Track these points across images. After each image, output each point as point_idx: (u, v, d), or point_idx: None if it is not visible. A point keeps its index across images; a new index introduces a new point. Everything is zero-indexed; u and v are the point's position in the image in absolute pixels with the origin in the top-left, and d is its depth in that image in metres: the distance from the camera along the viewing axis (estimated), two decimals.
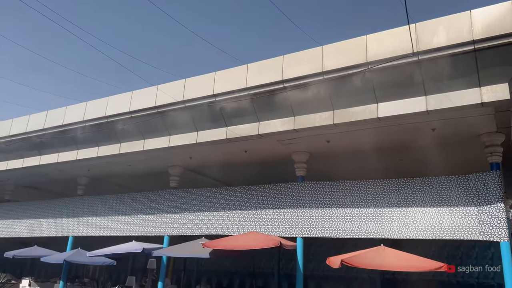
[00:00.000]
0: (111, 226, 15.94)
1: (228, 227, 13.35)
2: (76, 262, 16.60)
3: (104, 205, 16.49)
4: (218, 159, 14.26)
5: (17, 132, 16.10)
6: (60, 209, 17.77)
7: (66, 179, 17.94)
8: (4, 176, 18.43)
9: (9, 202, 20.46)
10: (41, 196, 20.09)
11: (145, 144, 13.77)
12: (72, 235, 16.99)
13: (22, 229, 18.61)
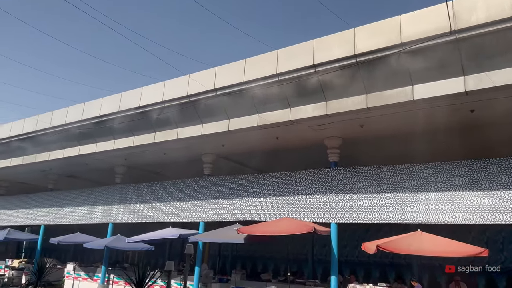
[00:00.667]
0: (148, 213, 16.44)
1: (262, 213, 13.47)
2: (116, 247, 17.30)
3: (141, 192, 17.00)
4: (250, 146, 14.33)
5: (57, 123, 16.76)
6: (99, 197, 18.48)
7: (104, 168, 18.58)
8: (46, 166, 19.30)
9: (52, 191, 21.43)
10: (81, 185, 20.92)
11: (178, 133, 14.02)
12: (111, 221, 17.66)
13: (65, 217, 19.52)
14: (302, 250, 17.88)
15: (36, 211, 20.88)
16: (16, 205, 22.08)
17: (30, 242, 26.67)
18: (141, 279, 7.01)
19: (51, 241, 19.04)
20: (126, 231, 17.23)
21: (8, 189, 24.33)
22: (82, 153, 16.83)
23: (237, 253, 18.09)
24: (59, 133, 16.98)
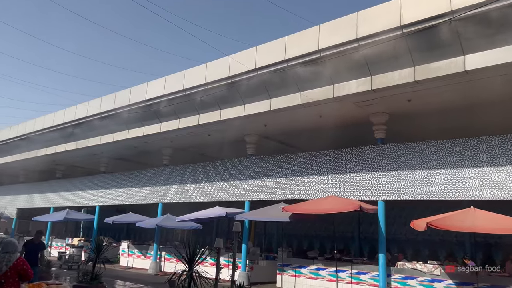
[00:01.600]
0: (195, 193, 16.92)
1: (306, 192, 13.46)
2: (166, 226, 18.04)
3: (188, 173, 17.49)
4: (293, 125, 14.25)
5: (106, 109, 17.45)
6: (149, 178, 19.22)
7: (153, 151, 19.23)
8: (98, 150, 20.26)
9: (104, 173, 22.53)
10: (131, 167, 21.82)
11: (222, 114, 14.18)
12: (161, 202, 18.35)
13: (118, 198, 20.52)
14: (348, 228, 17.78)
15: (91, 192, 22.09)
16: (73, 188, 23.46)
17: (87, 222, 28.36)
18: (192, 256, 7.26)
19: (106, 221, 20.16)
20: (175, 210, 17.90)
21: (64, 173, 25.86)
22: (130, 137, 17.48)
23: (283, 231, 18.27)
24: (109, 118, 17.69)
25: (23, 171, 27.91)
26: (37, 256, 9.84)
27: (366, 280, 11.74)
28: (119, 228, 26.31)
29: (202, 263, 7.41)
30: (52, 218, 22.94)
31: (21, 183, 28.39)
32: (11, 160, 25.19)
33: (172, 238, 23.92)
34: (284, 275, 13.41)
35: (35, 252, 9.83)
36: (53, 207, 24.30)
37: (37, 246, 10.01)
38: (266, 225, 20.97)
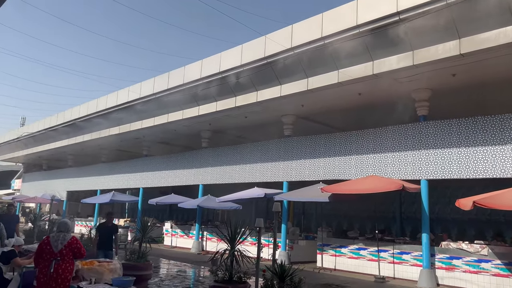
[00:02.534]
0: (234, 174, 17.16)
1: (345, 172, 13.31)
2: (207, 207, 18.49)
3: (226, 155, 17.74)
4: (330, 104, 14.02)
5: (147, 93, 17.88)
6: (189, 160, 19.67)
7: (192, 134, 19.60)
8: (140, 134, 20.89)
9: (147, 156, 23.26)
10: (172, 150, 22.39)
11: (258, 96, 14.16)
12: (201, 183, 18.77)
13: (160, 180, 21.18)
14: (389, 208, 17.47)
15: (134, 175, 22.93)
16: (117, 171, 24.43)
17: (131, 203, 29.58)
18: (233, 235, 7.40)
19: (149, 202, 20.91)
20: (216, 191, 18.27)
21: (108, 157, 26.92)
22: (170, 120, 17.87)
23: (322, 212, 18.23)
24: (149, 102, 18.13)
25: (71, 156, 29.35)
26: (111, 239, 9.35)
27: (409, 260, 11.57)
28: (162, 209, 27.24)
29: (243, 243, 7.54)
30: (99, 200, 24.08)
31: (69, 167, 29.90)
32: (59, 145, 26.52)
33: (213, 218, 24.51)
34: (324, 254, 13.46)
35: (109, 235, 9.37)
36: (99, 189, 25.48)
37: (110, 229, 9.50)
38: (304, 206, 21.00)
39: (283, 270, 6.09)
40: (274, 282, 6.14)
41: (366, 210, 17.62)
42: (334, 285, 10.69)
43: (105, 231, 9.37)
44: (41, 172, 34.00)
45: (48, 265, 5.15)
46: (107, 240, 9.20)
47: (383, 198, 16.02)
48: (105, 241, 9.13)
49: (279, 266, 6.20)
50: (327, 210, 18.57)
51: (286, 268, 6.18)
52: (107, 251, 9.05)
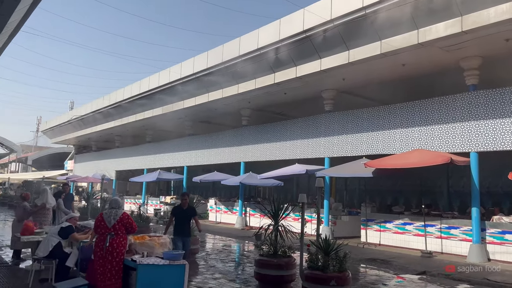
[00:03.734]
0: (275, 151, 17.21)
1: (390, 146, 12.98)
2: (249, 184, 18.75)
3: (266, 132, 17.79)
4: (373, 77, 13.59)
5: (187, 73, 18.12)
6: (230, 139, 19.92)
7: (232, 112, 19.75)
8: (182, 113, 21.31)
9: (189, 136, 23.78)
10: (213, 129, 22.72)
11: (297, 71, 13.97)
12: (243, 161, 19.01)
13: (203, 158, 21.65)
14: (436, 182, 16.94)
15: (179, 154, 23.58)
16: (162, 150, 25.21)
17: (176, 181, 30.54)
18: (277, 211, 7.50)
19: (194, 180, 21.49)
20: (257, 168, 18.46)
21: (153, 137, 27.77)
22: (211, 100, 18.07)
23: (365, 187, 17.97)
24: (189, 82, 18.39)
25: (118, 137, 30.57)
26: (188, 224, 7.93)
27: (458, 235, 11.24)
28: (205, 186, 27.95)
29: (285, 218, 7.63)
30: (146, 178, 25.05)
31: (117, 148, 31.19)
32: (106, 127, 27.66)
33: (255, 195, 24.86)
34: (368, 230, 13.35)
35: (187, 220, 7.91)
36: (146, 168, 26.46)
37: (186, 212, 7.94)
38: (347, 181, 20.79)
39: (328, 245, 6.12)
40: (319, 257, 6.20)
41: (411, 184, 17.17)
42: (379, 259, 10.62)
43: (181, 216, 7.86)
44: (91, 153, 35.73)
45: (103, 240, 5.48)
46: (184, 226, 7.78)
47: (429, 172, 15.52)
48: (182, 227, 7.71)
49: (323, 240, 6.23)
50: (371, 186, 18.28)
51: (331, 242, 6.21)
52: (185, 237, 7.70)
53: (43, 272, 7.18)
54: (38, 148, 63.57)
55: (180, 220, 7.77)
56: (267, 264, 6.98)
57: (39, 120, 63.09)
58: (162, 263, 5.18)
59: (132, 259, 5.34)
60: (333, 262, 6.08)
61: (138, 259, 5.20)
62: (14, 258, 8.88)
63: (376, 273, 9.20)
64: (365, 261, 10.44)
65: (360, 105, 14.86)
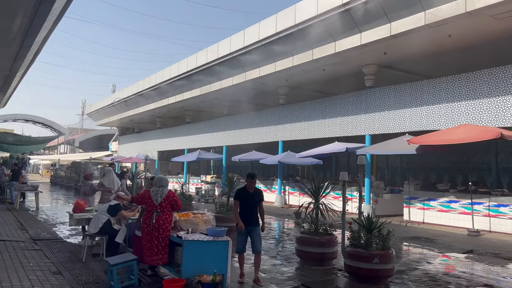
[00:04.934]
0: (313, 130, 17.04)
1: (434, 121, 12.51)
2: (288, 162, 18.77)
3: (305, 111, 17.60)
4: (416, 50, 13.01)
5: (224, 53, 18.13)
6: (268, 118, 19.91)
7: (269, 91, 19.66)
8: (220, 94, 21.46)
9: (227, 116, 23.98)
10: (250, 108, 22.73)
11: (336, 46, 13.62)
12: (281, 140, 18.99)
13: (241, 137, 21.82)
14: (483, 158, 16.22)
15: (217, 134, 23.90)
16: (202, 130, 25.64)
17: (216, 161, 31.06)
18: (317, 189, 7.46)
19: (233, 159, 21.76)
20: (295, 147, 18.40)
21: (192, 117, 28.25)
22: (248, 79, 18.04)
23: (407, 165, 17.50)
24: (226, 62, 18.42)
25: (159, 118, 31.33)
26: (256, 211, 6.20)
27: (507, 213, 10.77)
28: (244, 165, 28.23)
29: (325, 197, 7.59)
30: (187, 158, 25.65)
31: (158, 129, 32.03)
32: (147, 109, 28.38)
33: (293, 173, 24.88)
34: (411, 208, 13.05)
35: (253, 205, 6.16)
36: (186, 148, 27.06)
37: (252, 197, 6.16)
38: (388, 159, 20.33)
39: (371, 223, 6.05)
40: (361, 235, 6.15)
41: (456, 161, 16.55)
42: (423, 238, 10.40)
43: (247, 201, 6.12)
44: (134, 134, 36.94)
45: (150, 217, 5.69)
46: (252, 213, 6.11)
47: (477, 148, 14.91)
48: (249, 214, 6.05)
49: (366, 218, 6.16)
50: (413, 163, 17.79)
51: (374, 220, 6.13)
52: (252, 227, 6.03)
53: (95, 247, 7.60)
54: (84, 130, 66.48)
55: (245, 206, 6.11)
56: (309, 242, 7.01)
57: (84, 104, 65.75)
58: (206, 239, 5.32)
59: (177, 235, 5.52)
60: (376, 240, 6.01)
61: (183, 235, 5.37)
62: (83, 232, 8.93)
63: (420, 251, 9.02)
64: (408, 239, 10.25)
65: (403, 80, 14.35)
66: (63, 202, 18.44)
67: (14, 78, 15.87)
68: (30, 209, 14.12)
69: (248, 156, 21.24)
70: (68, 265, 6.44)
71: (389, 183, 18.63)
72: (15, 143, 35.58)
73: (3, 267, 6.04)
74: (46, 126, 43.05)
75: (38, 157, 50.90)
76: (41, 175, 47.07)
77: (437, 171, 18.17)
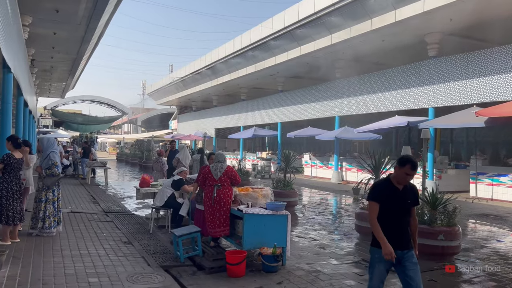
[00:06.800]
0: (372, 103, 16.49)
1: (506, 92, 11.58)
2: (345, 138, 18.40)
3: (363, 84, 17.04)
4: (485, 15, 12.01)
5: (279, 28, 17.88)
6: (324, 93, 19.54)
7: (324, 65, 19.19)
8: (274, 70, 21.34)
9: (282, 92, 23.85)
10: (305, 83, 22.43)
11: (397, 15, 12.92)
12: (338, 115, 18.60)
13: (296, 114, 21.67)
14: None
15: (272, 110, 23.91)
16: (256, 107, 25.78)
17: (270, 138, 31.22)
18: (377, 164, 7.28)
19: (288, 135, 21.75)
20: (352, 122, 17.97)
21: (247, 95, 28.43)
22: (303, 53, 17.73)
23: (474, 139, 16.49)
24: (281, 37, 18.19)
25: (215, 96, 31.92)
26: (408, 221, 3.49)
27: None
28: (299, 142, 28.13)
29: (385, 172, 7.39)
30: (243, 135, 26.02)
31: (214, 107, 32.69)
32: (204, 87, 28.99)
33: (350, 149, 24.41)
34: (478, 184, 12.36)
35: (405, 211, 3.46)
36: (242, 126, 27.43)
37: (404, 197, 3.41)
38: (453, 133, 19.26)
39: (436, 198, 5.82)
40: (425, 211, 5.95)
41: None
42: (492, 215, 9.85)
43: (395, 205, 3.41)
44: (192, 112, 38.02)
45: (211, 191, 5.89)
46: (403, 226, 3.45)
47: None
48: (399, 229, 3.41)
49: (430, 194, 5.94)
50: (480, 137, 16.74)
51: (438, 196, 5.89)
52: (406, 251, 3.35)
53: (161, 220, 8.05)
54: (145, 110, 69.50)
55: (391, 214, 3.38)
56: None
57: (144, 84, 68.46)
58: (266, 213, 5.43)
59: (238, 208, 5.67)
60: (440, 216, 5.80)
61: (243, 209, 5.51)
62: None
63: (488, 229, 8.57)
64: (475, 216, 9.77)
65: (469, 48, 13.35)
66: (129, 177, 19.61)
67: (81, 61, 16.86)
68: (100, 184, 15.17)
69: (303, 132, 21.10)
70: (137, 236, 6.88)
71: (453, 158, 17.69)
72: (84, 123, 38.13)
73: (80, 237, 6.59)
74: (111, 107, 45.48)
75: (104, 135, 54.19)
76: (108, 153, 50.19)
77: (507, 145, 16.94)
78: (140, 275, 4.76)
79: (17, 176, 6.09)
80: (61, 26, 11.74)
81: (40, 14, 10.65)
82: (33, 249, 5.65)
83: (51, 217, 6.44)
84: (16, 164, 6.04)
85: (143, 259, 5.49)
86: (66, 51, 14.86)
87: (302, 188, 15.33)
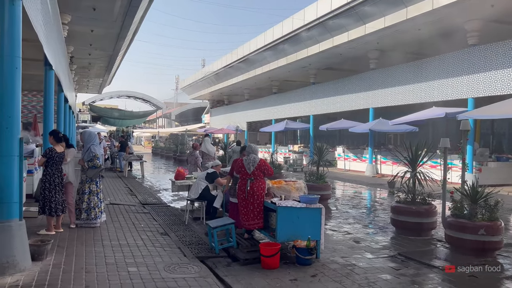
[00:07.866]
0: (408, 95, 16.04)
1: None
2: (380, 130, 18.02)
3: (397, 74, 16.59)
4: None
5: (311, 19, 17.66)
6: (357, 84, 19.17)
7: (358, 56, 18.84)
8: (306, 62, 21.14)
9: (314, 84, 23.60)
10: (337, 75, 22.09)
11: (434, 2, 12.46)
12: (372, 107, 18.22)
13: (329, 106, 21.41)
14: None
15: (304, 103, 23.72)
16: (288, 100, 25.66)
17: (302, 131, 31.03)
18: (414, 157, 7.09)
19: (320, 128, 21.53)
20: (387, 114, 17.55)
21: (278, 88, 28.34)
22: (335, 44, 17.45)
23: None
24: (313, 28, 17.96)
25: (247, 90, 32.03)
26: None
27: None
28: (331, 134, 27.83)
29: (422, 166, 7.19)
30: (275, 128, 25.99)
31: (246, 101, 32.80)
32: (236, 81, 29.13)
33: (385, 142, 23.88)
34: None
35: None
36: (274, 119, 27.40)
37: None
38: (494, 124, 18.47)
39: (476, 192, 5.61)
40: (465, 205, 5.75)
41: None
42: None
43: None
44: (224, 106, 38.34)
45: (244, 184, 5.93)
46: None
47: None
48: None
49: (470, 187, 5.73)
50: None
51: (479, 190, 5.67)
52: None
53: (195, 211, 8.19)
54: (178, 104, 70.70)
55: None
56: (405, 211, 6.76)
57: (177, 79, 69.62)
58: (299, 205, 5.41)
59: (271, 201, 5.69)
60: (481, 211, 5.59)
61: (277, 202, 5.52)
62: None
63: None
64: None
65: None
66: (164, 170, 20.06)
67: (117, 57, 17.34)
68: (136, 176, 15.61)
69: (336, 125, 20.84)
70: (173, 227, 7.05)
71: (494, 150, 16.97)
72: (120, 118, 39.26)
73: (119, 228, 6.81)
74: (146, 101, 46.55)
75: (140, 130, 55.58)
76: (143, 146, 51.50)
77: None
78: (177, 265, 4.88)
79: (59, 169, 6.35)
80: (98, 24, 12.12)
81: (78, 12, 11.03)
82: (75, 239, 5.90)
83: (96, 208, 6.71)
84: (58, 158, 6.30)
85: (179, 249, 5.62)
86: (102, 48, 15.33)
87: (335, 182, 15.17)
